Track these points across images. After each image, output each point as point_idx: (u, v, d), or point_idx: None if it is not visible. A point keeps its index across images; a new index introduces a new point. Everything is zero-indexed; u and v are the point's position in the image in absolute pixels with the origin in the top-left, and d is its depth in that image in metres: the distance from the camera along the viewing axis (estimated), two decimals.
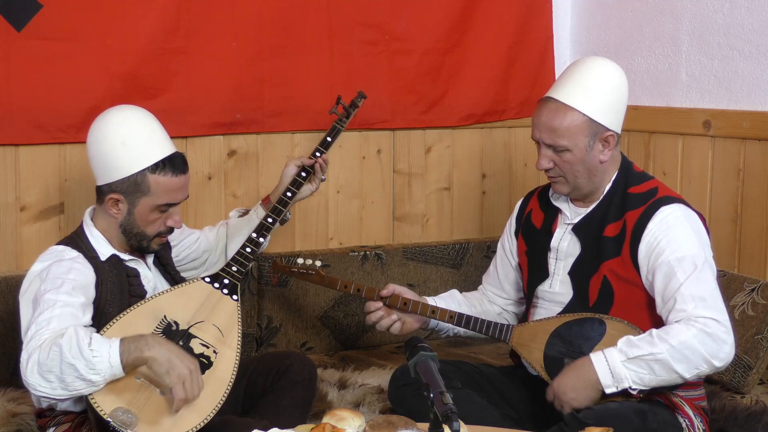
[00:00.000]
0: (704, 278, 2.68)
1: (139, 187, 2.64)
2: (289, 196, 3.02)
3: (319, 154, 3.11)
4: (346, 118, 3.21)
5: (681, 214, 2.75)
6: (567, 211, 2.90)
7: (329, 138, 3.15)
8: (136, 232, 2.69)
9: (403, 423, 2.29)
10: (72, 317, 2.46)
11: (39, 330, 2.41)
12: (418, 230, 4.02)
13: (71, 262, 2.59)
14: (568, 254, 2.86)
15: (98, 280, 2.61)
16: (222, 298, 2.75)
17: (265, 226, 2.94)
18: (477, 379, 2.94)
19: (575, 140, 2.76)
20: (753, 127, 3.52)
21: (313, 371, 2.90)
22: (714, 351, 2.60)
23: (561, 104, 2.77)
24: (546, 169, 2.83)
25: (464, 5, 3.97)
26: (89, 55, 3.32)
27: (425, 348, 2.11)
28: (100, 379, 2.39)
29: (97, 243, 2.69)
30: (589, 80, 2.79)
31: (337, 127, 3.18)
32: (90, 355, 2.36)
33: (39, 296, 2.50)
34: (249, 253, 2.86)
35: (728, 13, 3.63)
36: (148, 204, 2.66)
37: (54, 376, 2.36)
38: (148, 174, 2.64)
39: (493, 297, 3.14)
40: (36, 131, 3.28)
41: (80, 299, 2.52)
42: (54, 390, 2.38)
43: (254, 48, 3.60)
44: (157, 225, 2.69)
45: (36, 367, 2.36)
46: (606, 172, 2.83)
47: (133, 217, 2.67)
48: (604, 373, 2.63)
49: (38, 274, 2.57)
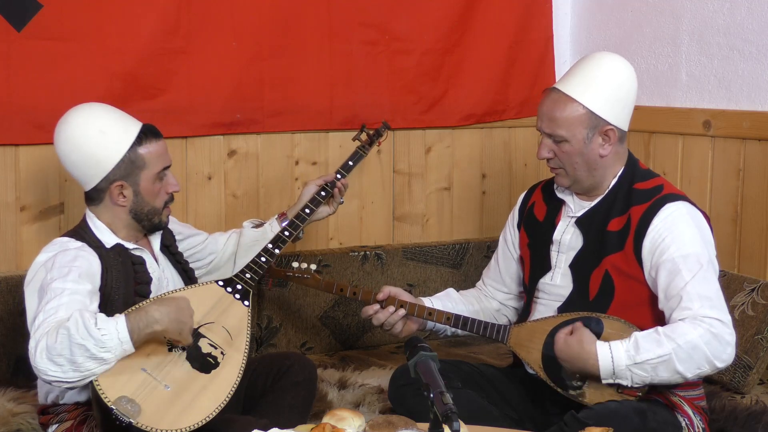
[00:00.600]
0: (709, 278, 2.68)
1: (135, 164, 2.68)
2: (307, 213, 3.06)
3: (340, 176, 3.13)
4: (369, 145, 3.23)
5: (686, 211, 2.75)
6: (571, 203, 2.90)
7: (351, 162, 3.17)
8: (148, 210, 2.72)
9: (403, 423, 2.29)
10: (80, 305, 2.47)
11: (47, 318, 2.42)
12: (418, 230, 4.02)
13: (77, 251, 2.61)
14: (570, 247, 2.86)
15: (104, 268, 2.63)
16: (233, 303, 2.77)
17: (282, 239, 2.98)
18: (477, 379, 2.94)
19: (573, 131, 2.77)
20: (753, 127, 3.52)
21: (313, 372, 2.90)
22: (718, 352, 2.60)
23: (563, 95, 2.79)
24: (547, 159, 2.84)
25: (464, 5, 3.97)
26: (89, 55, 3.32)
27: (425, 348, 2.11)
28: (111, 356, 2.40)
29: (101, 233, 2.71)
30: (595, 74, 2.81)
31: (359, 153, 3.20)
32: (98, 333, 2.37)
33: (46, 285, 2.51)
34: (264, 262, 2.90)
35: (728, 13, 3.63)
36: (148, 176, 2.70)
37: (64, 359, 2.36)
38: (137, 148, 2.68)
39: (492, 292, 3.14)
40: (36, 131, 3.28)
41: (87, 286, 2.54)
42: (65, 373, 2.38)
43: (254, 48, 3.60)
44: (161, 195, 2.74)
45: (45, 353, 2.37)
46: (608, 168, 2.83)
47: (140, 196, 2.70)
48: (606, 369, 2.63)
49: (43, 264, 2.58)
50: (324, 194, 3.11)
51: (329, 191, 3.12)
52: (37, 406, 2.78)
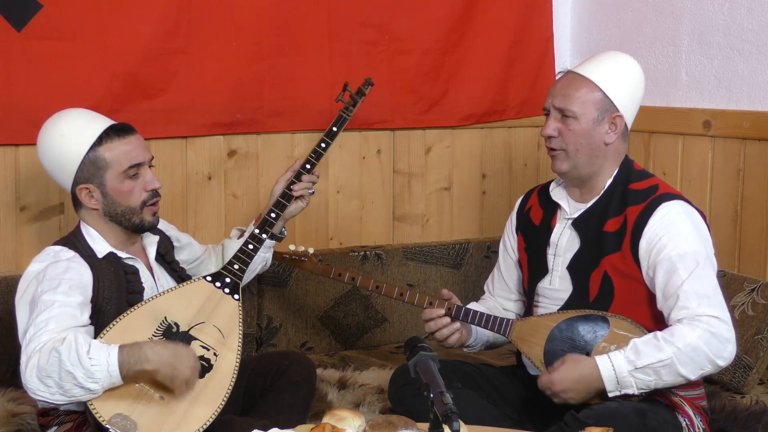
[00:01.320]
0: (706, 275, 2.68)
1: (96, 165, 2.64)
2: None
3: (324, 144, 3.00)
4: (352, 106, 3.08)
5: (682, 210, 2.75)
6: (566, 206, 2.90)
7: (335, 128, 3.04)
8: (122, 211, 2.67)
9: (403, 423, 2.29)
10: (70, 317, 2.46)
11: (38, 332, 2.42)
12: (418, 230, 4.02)
13: (68, 263, 2.59)
14: (567, 249, 2.86)
15: (95, 279, 2.61)
16: (223, 298, 2.75)
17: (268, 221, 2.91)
18: (477, 379, 2.94)
19: (585, 110, 2.78)
20: (753, 127, 3.52)
21: (312, 371, 2.90)
22: (718, 351, 2.60)
23: (579, 75, 2.82)
24: (549, 138, 2.83)
25: (464, 5, 3.97)
26: (89, 55, 3.32)
27: (425, 348, 2.11)
28: (98, 387, 2.40)
29: (93, 242, 2.69)
30: (613, 64, 2.85)
31: (343, 116, 3.05)
32: (89, 363, 2.36)
33: (36, 297, 2.50)
34: (251, 249, 2.85)
35: (728, 13, 3.63)
36: (114, 175, 2.65)
37: (53, 382, 2.37)
38: (97, 149, 2.64)
39: (502, 302, 3.13)
40: (36, 131, 3.24)
41: (78, 298, 2.52)
42: (53, 395, 2.39)
43: (254, 48, 3.60)
44: (136, 194, 2.67)
45: (35, 371, 2.37)
46: (607, 160, 2.83)
47: (110, 198, 2.66)
48: (610, 380, 2.62)
49: (35, 276, 2.57)
50: (309, 167, 2.98)
51: (314, 162, 2.99)
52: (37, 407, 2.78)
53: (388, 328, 3.81)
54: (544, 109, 2.86)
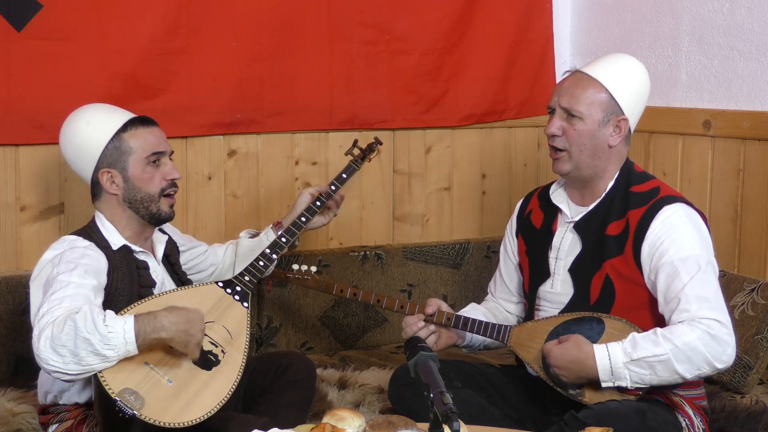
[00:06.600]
0: (708, 279, 2.68)
1: (120, 150, 2.70)
2: (303, 221, 3.04)
3: (335, 188, 3.13)
4: (361, 160, 3.23)
5: (684, 213, 2.75)
6: (567, 210, 2.90)
7: (344, 175, 3.17)
8: (141, 197, 2.72)
9: (403, 423, 2.29)
10: (84, 298, 2.48)
11: (51, 308, 2.43)
12: (418, 230, 4.02)
13: (84, 249, 2.63)
14: (569, 253, 2.86)
15: (110, 268, 2.64)
16: (233, 303, 2.78)
17: (279, 244, 2.98)
18: (477, 379, 2.94)
19: (591, 110, 2.78)
20: (753, 127, 3.52)
21: (312, 370, 2.91)
22: (717, 353, 2.60)
23: (587, 76, 2.81)
24: (552, 137, 2.82)
25: (464, 5, 3.97)
26: (89, 55, 3.32)
27: (425, 348, 2.11)
28: (114, 354, 2.40)
29: (108, 234, 2.72)
30: (621, 66, 2.85)
31: (352, 167, 3.19)
32: (105, 330, 2.37)
33: (52, 278, 2.52)
34: (262, 266, 2.91)
35: (728, 13, 3.63)
36: (137, 161, 2.71)
37: (67, 351, 2.36)
38: (121, 135, 2.71)
39: (504, 304, 3.13)
40: (36, 131, 3.28)
41: (93, 282, 2.54)
42: (66, 365, 2.38)
43: (254, 48, 3.60)
44: (156, 181, 2.74)
45: (48, 342, 2.37)
46: (609, 162, 2.82)
47: (131, 183, 2.71)
48: (604, 370, 2.63)
49: (51, 260, 2.59)
50: (319, 204, 3.10)
51: (324, 202, 3.11)
52: (37, 406, 2.79)
53: (388, 328, 3.81)
54: (549, 107, 2.85)
